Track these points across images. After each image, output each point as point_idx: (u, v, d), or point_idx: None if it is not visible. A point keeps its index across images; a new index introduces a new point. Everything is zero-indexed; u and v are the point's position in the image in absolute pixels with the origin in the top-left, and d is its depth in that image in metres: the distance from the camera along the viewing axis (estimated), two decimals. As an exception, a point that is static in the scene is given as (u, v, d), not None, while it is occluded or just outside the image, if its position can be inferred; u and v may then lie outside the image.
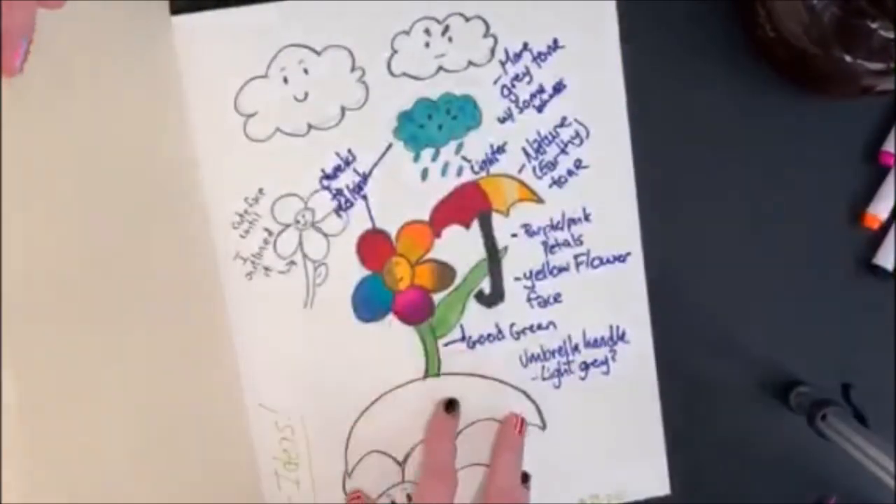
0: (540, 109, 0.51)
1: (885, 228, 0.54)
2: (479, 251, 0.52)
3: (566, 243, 0.52)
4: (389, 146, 0.51)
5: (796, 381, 0.55)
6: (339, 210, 0.51)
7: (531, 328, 0.53)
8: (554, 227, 0.52)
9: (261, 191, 0.50)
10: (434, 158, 0.51)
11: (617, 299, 0.53)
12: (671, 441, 0.54)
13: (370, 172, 0.51)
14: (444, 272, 0.52)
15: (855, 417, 0.52)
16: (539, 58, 0.51)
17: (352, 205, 0.51)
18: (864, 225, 0.53)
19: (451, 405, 0.52)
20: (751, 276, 0.54)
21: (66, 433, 0.39)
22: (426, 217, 0.52)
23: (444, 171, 0.51)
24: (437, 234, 0.52)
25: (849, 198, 0.54)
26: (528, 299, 0.53)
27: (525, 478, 0.52)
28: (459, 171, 0.51)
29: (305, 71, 0.50)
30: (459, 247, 0.52)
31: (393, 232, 0.51)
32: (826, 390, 0.54)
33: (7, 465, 0.35)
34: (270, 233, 0.50)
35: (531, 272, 0.52)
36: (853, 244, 0.54)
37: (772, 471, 0.55)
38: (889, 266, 0.53)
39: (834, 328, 0.55)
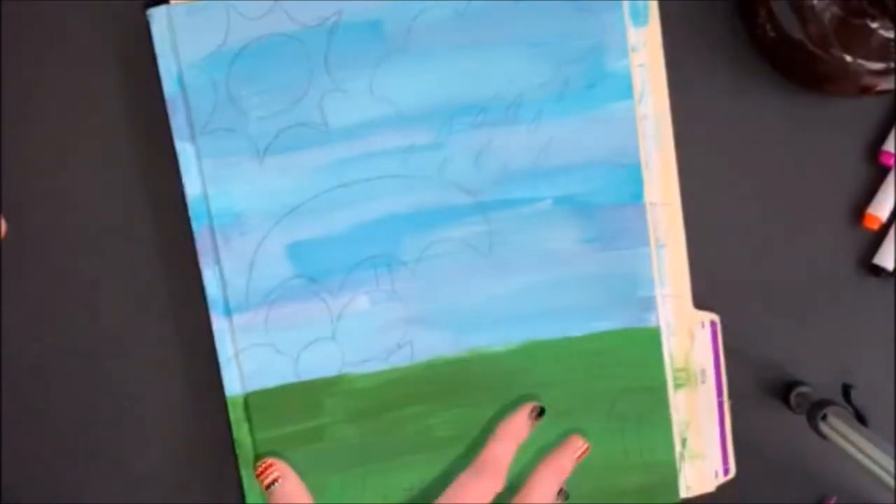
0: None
1: (885, 228, 0.54)
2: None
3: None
4: None
5: (796, 381, 0.55)
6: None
7: None
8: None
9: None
10: None
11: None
12: (672, 441, 0.54)
13: None
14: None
15: (855, 417, 0.52)
16: None
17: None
18: (864, 225, 0.53)
19: (540, 413, 0.51)
20: (751, 275, 0.54)
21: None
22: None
23: None
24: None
25: (849, 198, 0.54)
26: None
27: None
28: None
29: None
30: None
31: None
32: (826, 390, 0.54)
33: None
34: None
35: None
36: (853, 244, 0.54)
37: (771, 471, 0.55)
38: (889, 266, 0.53)
39: (834, 328, 0.55)
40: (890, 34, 0.48)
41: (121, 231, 0.50)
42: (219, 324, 0.50)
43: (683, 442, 0.53)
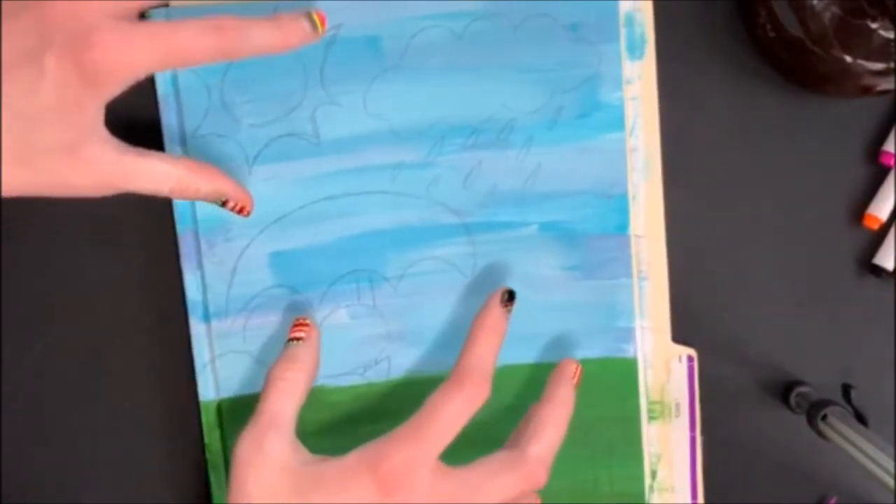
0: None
1: (885, 228, 0.53)
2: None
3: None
4: None
5: (796, 381, 0.54)
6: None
7: None
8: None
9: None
10: None
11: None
12: (670, 442, 0.54)
13: None
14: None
15: (855, 417, 0.52)
16: None
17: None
18: (864, 225, 0.53)
19: (509, 297, 0.48)
20: (750, 275, 0.53)
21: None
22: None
23: None
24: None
25: (849, 198, 0.53)
26: None
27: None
28: None
29: None
30: None
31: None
32: (826, 390, 0.54)
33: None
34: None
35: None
36: (853, 244, 0.54)
37: (771, 471, 0.55)
38: (889, 266, 0.53)
39: (834, 328, 0.54)
40: (890, 34, 0.48)
41: (110, 231, 0.50)
42: (197, 328, 0.51)
43: (653, 474, 0.53)
